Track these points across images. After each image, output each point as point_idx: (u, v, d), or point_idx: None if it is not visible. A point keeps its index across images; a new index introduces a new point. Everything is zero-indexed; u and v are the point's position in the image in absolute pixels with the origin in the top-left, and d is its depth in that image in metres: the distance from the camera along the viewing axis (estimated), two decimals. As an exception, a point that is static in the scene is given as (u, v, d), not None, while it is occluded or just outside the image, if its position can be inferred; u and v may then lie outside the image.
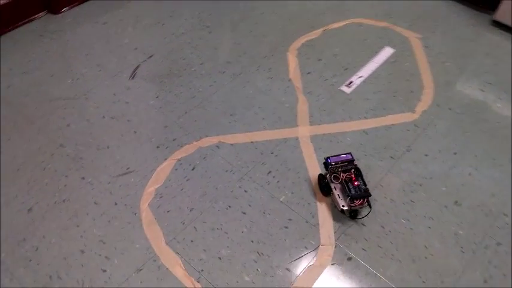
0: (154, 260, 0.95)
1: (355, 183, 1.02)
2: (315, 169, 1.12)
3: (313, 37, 1.49)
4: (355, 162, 1.07)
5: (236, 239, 0.99)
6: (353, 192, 1.01)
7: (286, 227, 1.02)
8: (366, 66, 1.40)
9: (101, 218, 1.01)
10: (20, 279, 0.91)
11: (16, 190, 1.05)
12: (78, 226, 1.00)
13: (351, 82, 1.35)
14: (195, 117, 1.23)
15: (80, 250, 0.96)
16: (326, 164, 1.07)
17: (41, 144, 1.14)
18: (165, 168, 1.11)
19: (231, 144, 1.17)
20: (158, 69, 1.35)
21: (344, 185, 1.03)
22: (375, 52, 1.45)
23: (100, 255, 0.95)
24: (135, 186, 1.07)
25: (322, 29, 1.52)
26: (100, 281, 0.92)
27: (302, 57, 1.42)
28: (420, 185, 1.11)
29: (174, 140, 1.17)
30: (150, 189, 1.07)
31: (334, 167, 1.05)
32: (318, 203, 1.06)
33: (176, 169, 1.11)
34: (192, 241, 0.98)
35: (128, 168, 1.11)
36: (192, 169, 1.11)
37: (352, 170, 1.05)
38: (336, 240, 1.00)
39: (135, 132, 1.19)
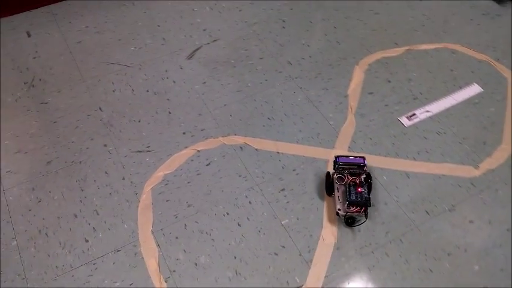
0: (135, 246, 0.95)
1: (359, 189, 0.96)
2: (332, 202, 1.01)
3: (392, 55, 1.33)
4: (366, 168, 1.00)
5: (220, 250, 0.94)
6: (352, 197, 0.95)
7: (276, 253, 0.94)
8: (440, 101, 1.21)
9: (105, 188, 1.03)
10: (15, 225, 0.97)
11: (46, 141, 1.11)
12: (82, 190, 1.03)
13: (413, 114, 1.18)
14: (232, 112, 1.18)
15: (74, 214, 0.99)
16: (335, 163, 1.00)
17: (83, 103, 1.20)
18: (181, 156, 1.09)
19: (256, 149, 1.11)
20: (217, 54, 1.32)
21: (347, 188, 0.97)
22: (459, 87, 1.25)
23: (89, 224, 0.98)
24: (147, 167, 1.07)
25: (405, 48, 1.35)
26: (79, 249, 0.94)
27: (371, 74, 1.28)
28: (448, 255, 0.94)
29: (202, 130, 1.14)
30: (160, 173, 1.06)
31: (341, 167, 1.00)
32: (321, 238, 0.96)
33: (192, 160, 1.09)
34: (176, 238, 0.96)
35: (148, 146, 1.11)
36: (207, 164, 1.08)
37: (362, 176, 0.98)
38: (323, 286, 0.89)
39: (170, 113, 1.18)
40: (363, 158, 1.01)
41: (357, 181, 0.97)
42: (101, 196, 1.02)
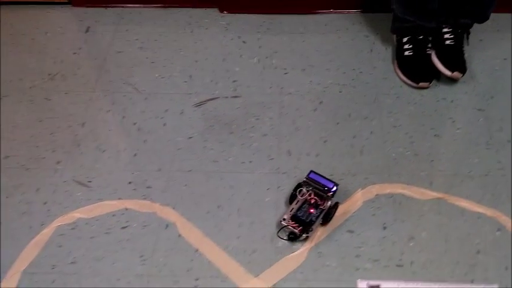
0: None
1: (311, 209, 0.95)
2: None
3: (415, 195, 1.01)
4: (329, 194, 0.97)
5: None
6: (299, 214, 0.95)
7: None
8: (433, 285, 0.88)
9: (24, 205, 1.02)
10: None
11: (19, 136, 1.15)
12: (6, 197, 1.04)
13: (377, 286, 0.88)
14: (192, 183, 1.05)
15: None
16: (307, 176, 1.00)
17: (76, 112, 1.20)
18: (107, 206, 1.02)
19: (179, 235, 0.97)
20: (225, 112, 1.19)
21: (302, 203, 0.96)
22: (472, 281, 0.89)
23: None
24: (73, 202, 1.03)
25: (438, 195, 1.01)
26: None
27: (370, 208, 1.00)
28: None
29: (148, 187, 1.05)
30: (76, 214, 1.00)
31: (307, 182, 0.99)
32: None
33: (113, 215, 1.00)
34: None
35: (90, 181, 1.06)
36: (122, 227, 0.98)
37: (327, 203, 0.96)
38: None
39: (135, 155, 1.11)
40: (336, 184, 0.98)
41: (314, 201, 0.96)
42: (15, 211, 1.02)
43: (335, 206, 0.97)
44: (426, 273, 0.90)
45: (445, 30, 1.19)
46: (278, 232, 0.96)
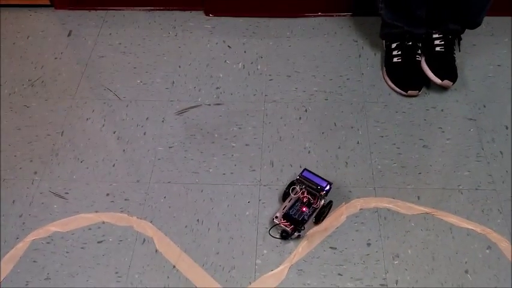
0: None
1: (304, 208, 0.95)
2: None
3: (401, 210, 0.98)
4: (325, 197, 0.95)
5: None
6: (291, 212, 0.94)
7: None
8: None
9: None
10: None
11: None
12: None
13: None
14: (169, 194, 1.02)
15: None
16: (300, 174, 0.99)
17: (55, 120, 1.17)
18: (84, 219, 0.98)
19: (156, 250, 0.94)
20: (207, 121, 1.15)
21: (295, 201, 0.96)
22: (460, 299, 0.86)
23: None
24: (49, 214, 1.00)
25: (426, 209, 0.98)
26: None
27: (354, 223, 0.96)
28: None
29: (125, 200, 1.01)
30: (52, 228, 0.97)
31: (301, 181, 0.98)
32: None
33: (90, 229, 0.97)
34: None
35: (67, 193, 1.03)
36: (99, 242, 0.95)
37: (321, 202, 0.95)
38: None
39: (113, 165, 1.08)
40: (329, 183, 0.96)
41: (306, 199, 0.95)
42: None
43: (328, 205, 0.96)
44: (410, 292, 0.87)
45: (435, 36, 1.14)
46: (270, 230, 0.95)
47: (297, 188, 0.97)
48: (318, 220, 0.95)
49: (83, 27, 1.40)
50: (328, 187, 0.96)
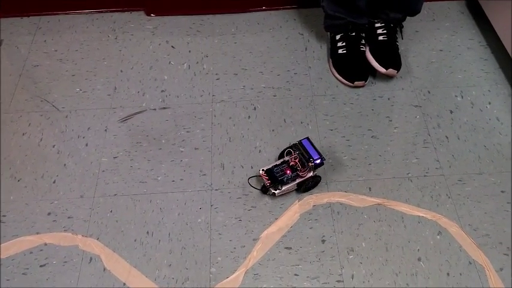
0: None
1: (288, 171, 0.95)
2: None
3: (353, 203, 0.97)
4: (314, 170, 0.95)
5: None
6: (275, 169, 0.95)
7: None
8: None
9: None
10: None
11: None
12: None
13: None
14: (115, 208, 0.97)
15: None
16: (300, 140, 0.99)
17: None
18: (25, 242, 0.92)
19: (104, 269, 0.89)
20: (153, 126, 1.11)
21: (282, 162, 0.97)
22: (416, 288, 0.85)
23: None
24: None
25: (377, 200, 0.97)
26: None
27: (308, 221, 0.95)
28: None
29: (69, 217, 0.96)
30: None
31: (297, 146, 0.98)
32: None
33: (31, 252, 0.91)
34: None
35: (5, 215, 0.96)
36: (41, 265, 0.90)
37: (309, 173, 0.95)
38: None
39: (54, 182, 1.01)
40: (322, 158, 0.96)
41: (294, 164, 0.95)
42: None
43: (315, 179, 0.97)
44: (367, 287, 0.86)
45: (377, 25, 1.14)
46: (249, 179, 0.98)
47: (291, 150, 0.98)
48: (299, 188, 0.97)
49: (15, 36, 1.32)
50: (319, 161, 0.95)
